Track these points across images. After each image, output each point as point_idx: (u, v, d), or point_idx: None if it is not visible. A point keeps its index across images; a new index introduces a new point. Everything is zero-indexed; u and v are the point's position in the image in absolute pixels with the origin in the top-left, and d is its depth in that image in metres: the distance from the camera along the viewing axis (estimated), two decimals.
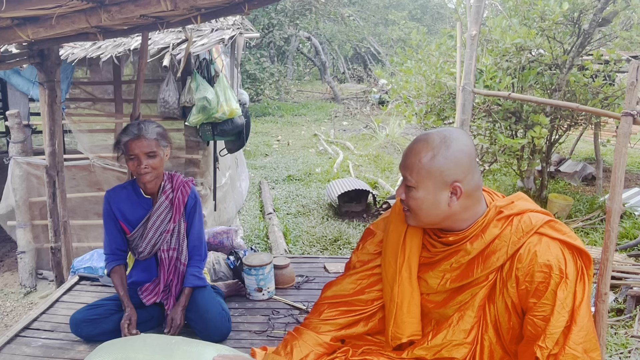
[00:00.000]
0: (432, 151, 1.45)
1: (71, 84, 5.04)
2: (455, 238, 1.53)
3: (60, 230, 3.23)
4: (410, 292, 1.61)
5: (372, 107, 14.75)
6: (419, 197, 1.48)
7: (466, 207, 1.49)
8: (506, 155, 5.22)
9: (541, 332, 1.38)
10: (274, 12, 14.82)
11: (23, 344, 2.31)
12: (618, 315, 3.54)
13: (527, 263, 1.42)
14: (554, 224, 1.47)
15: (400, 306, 1.61)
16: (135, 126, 2.29)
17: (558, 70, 5.10)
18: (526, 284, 1.42)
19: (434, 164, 1.44)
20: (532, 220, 1.46)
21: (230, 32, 4.53)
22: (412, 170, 1.48)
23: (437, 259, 1.57)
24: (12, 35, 1.98)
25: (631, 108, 1.75)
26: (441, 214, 1.49)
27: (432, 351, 1.55)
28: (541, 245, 1.42)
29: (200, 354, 1.75)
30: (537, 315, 1.40)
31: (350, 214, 6.04)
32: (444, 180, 1.45)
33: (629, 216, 5.42)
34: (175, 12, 2.28)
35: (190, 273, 2.44)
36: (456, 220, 1.51)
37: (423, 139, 1.49)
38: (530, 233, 1.44)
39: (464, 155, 1.46)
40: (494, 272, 1.48)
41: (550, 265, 1.39)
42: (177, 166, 4.97)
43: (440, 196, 1.46)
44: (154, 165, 2.29)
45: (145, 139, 2.25)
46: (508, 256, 1.45)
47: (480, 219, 1.51)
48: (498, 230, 1.48)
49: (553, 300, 1.38)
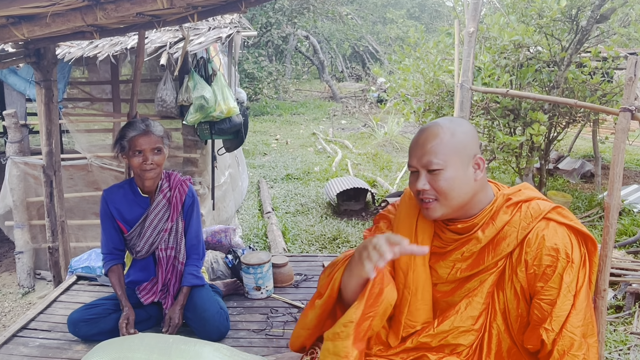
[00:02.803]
0: (450, 130, 1.48)
1: (68, 84, 5.03)
2: (464, 225, 1.53)
3: (57, 230, 3.22)
4: (424, 279, 1.59)
5: (371, 106, 14.73)
6: (450, 177, 1.46)
7: (484, 184, 1.53)
8: (505, 153, 5.21)
9: (547, 315, 1.40)
10: (271, 10, 14.80)
11: (21, 344, 2.30)
12: (617, 312, 3.54)
13: (535, 247, 1.43)
14: (560, 210, 1.49)
15: (415, 293, 1.59)
16: (142, 122, 2.30)
17: (556, 67, 5.09)
18: (534, 267, 1.43)
19: (456, 139, 1.47)
20: (540, 206, 1.48)
21: (228, 31, 4.51)
22: (436, 153, 1.46)
23: (449, 249, 1.57)
24: (8, 34, 1.97)
25: (629, 103, 1.75)
26: (470, 192, 1.49)
27: (437, 338, 1.54)
28: (549, 230, 1.44)
29: (198, 353, 1.74)
30: (544, 299, 1.41)
31: (349, 212, 6.04)
32: (467, 154, 1.48)
33: (628, 213, 5.42)
34: (172, 10, 2.27)
35: (188, 272, 2.44)
36: (474, 203, 1.52)
37: (432, 125, 1.51)
38: (538, 218, 1.46)
39: (473, 131, 1.53)
40: (503, 259, 1.49)
41: (558, 248, 1.41)
42: (175, 165, 4.96)
43: (468, 171, 1.48)
44: (159, 161, 2.30)
45: (153, 134, 2.27)
46: (518, 242, 1.46)
47: (489, 206, 1.52)
48: (508, 217, 1.49)
49: (559, 284, 1.40)
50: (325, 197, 6.43)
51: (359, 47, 21.90)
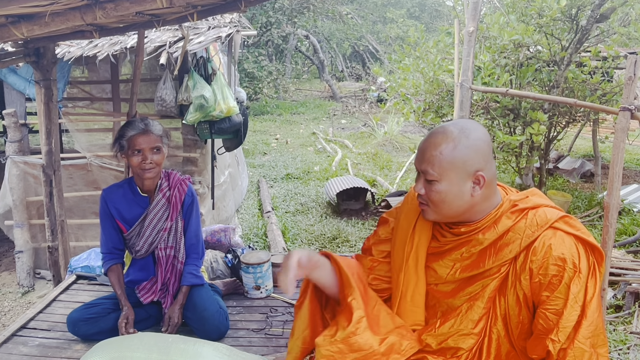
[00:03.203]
0: (453, 142, 1.44)
1: (68, 83, 5.02)
2: (467, 229, 1.52)
3: (57, 230, 3.22)
4: (415, 282, 1.60)
5: (371, 105, 14.72)
6: (442, 190, 1.46)
7: (486, 197, 1.49)
8: (504, 152, 5.21)
9: (553, 326, 1.38)
10: (271, 10, 14.78)
11: (20, 344, 2.30)
12: (617, 312, 3.54)
13: (541, 256, 1.41)
14: (568, 219, 1.47)
15: (404, 295, 1.60)
16: (141, 121, 2.30)
17: (556, 67, 5.09)
18: (540, 276, 1.41)
19: (456, 154, 1.43)
20: (547, 215, 1.46)
21: (227, 30, 4.51)
22: (433, 164, 1.45)
23: (447, 248, 1.56)
24: (7, 33, 1.97)
25: (629, 103, 1.75)
26: (464, 205, 1.47)
27: (438, 339, 1.54)
28: (556, 239, 1.41)
29: (198, 352, 1.74)
30: (550, 309, 1.39)
31: (349, 211, 6.04)
32: (467, 171, 1.44)
33: (628, 212, 5.42)
34: (171, 9, 2.27)
35: (188, 271, 2.44)
36: (475, 212, 1.50)
37: (441, 131, 1.47)
38: (545, 227, 1.44)
39: (483, 144, 1.45)
40: (506, 265, 1.48)
41: (565, 258, 1.39)
42: (174, 164, 4.96)
43: (464, 187, 1.45)
44: (158, 161, 2.29)
45: (152, 133, 2.27)
46: (521, 248, 1.45)
47: (494, 211, 1.51)
48: (511, 223, 1.47)
49: (566, 294, 1.37)
50: (325, 197, 6.42)
51: (359, 46, 21.90)
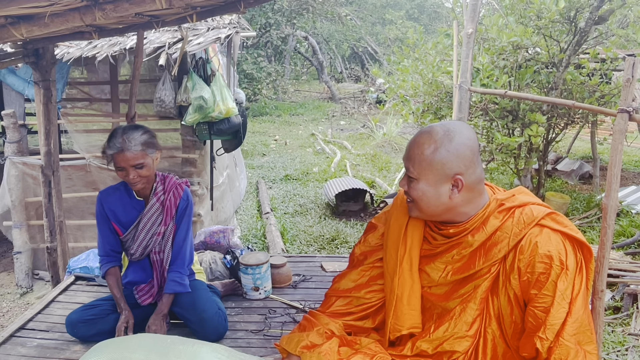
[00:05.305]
0: (435, 144, 1.46)
1: (67, 84, 5.02)
2: (455, 230, 1.53)
3: (56, 230, 3.22)
4: (410, 284, 1.60)
5: (370, 107, 14.74)
6: (420, 189, 1.49)
7: (468, 200, 1.50)
8: (503, 154, 5.22)
9: (541, 323, 1.38)
10: (271, 11, 14.79)
11: (18, 344, 2.30)
12: (615, 313, 3.55)
13: (528, 254, 1.42)
14: (555, 216, 1.47)
15: (400, 298, 1.60)
16: (119, 137, 2.17)
17: (555, 68, 5.10)
18: (527, 274, 1.42)
19: (435, 156, 1.45)
20: (533, 212, 1.47)
21: (227, 31, 4.51)
22: (414, 162, 1.48)
23: (438, 251, 1.57)
24: (6, 34, 1.97)
25: (627, 105, 1.75)
26: (442, 206, 1.49)
27: (433, 344, 1.54)
28: (542, 236, 1.42)
29: (196, 353, 1.74)
30: (538, 307, 1.40)
31: (348, 213, 6.04)
32: (445, 173, 1.46)
33: (626, 214, 5.42)
34: (171, 10, 2.27)
35: (171, 279, 2.37)
36: (458, 213, 1.52)
37: (426, 132, 1.50)
38: (531, 225, 1.44)
39: (466, 149, 1.46)
40: (496, 264, 1.48)
41: (551, 255, 1.39)
42: (173, 165, 4.96)
43: (441, 188, 1.47)
44: (142, 174, 2.22)
45: (129, 151, 2.15)
46: (510, 248, 1.45)
47: (481, 212, 1.52)
48: (499, 222, 1.49)
49: (553, 291, 1.38)
50: (324, 198, 6.43)
51: (358, 48, 21.92)
